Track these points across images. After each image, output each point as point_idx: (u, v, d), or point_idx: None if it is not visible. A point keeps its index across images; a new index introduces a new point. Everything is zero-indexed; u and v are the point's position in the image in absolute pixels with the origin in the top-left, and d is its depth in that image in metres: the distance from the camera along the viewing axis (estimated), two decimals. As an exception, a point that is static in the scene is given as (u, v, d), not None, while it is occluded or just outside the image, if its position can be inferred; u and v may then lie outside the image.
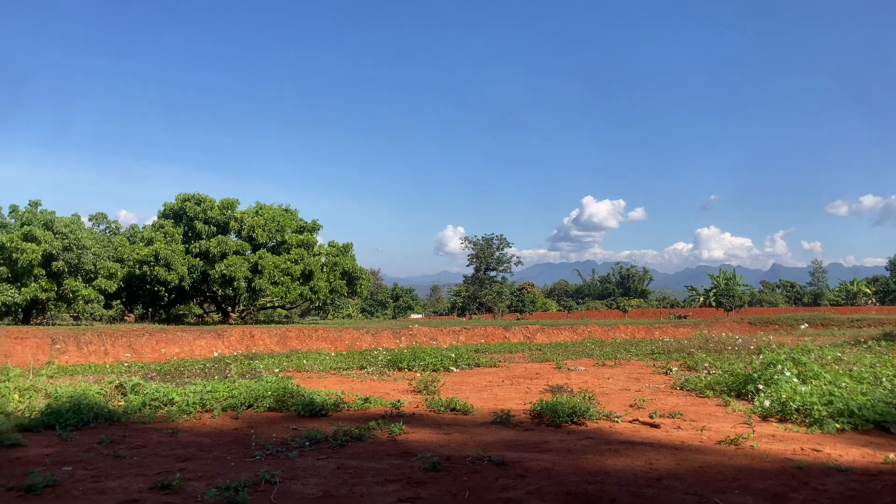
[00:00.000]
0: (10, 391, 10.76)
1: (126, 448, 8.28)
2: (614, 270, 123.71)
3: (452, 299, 78.16)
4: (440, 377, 15.49)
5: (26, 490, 6.48)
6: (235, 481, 6.78)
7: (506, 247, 71.04)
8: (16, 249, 32.10)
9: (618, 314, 75.02)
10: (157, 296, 41.20)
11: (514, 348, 27.89)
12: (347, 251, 42.74)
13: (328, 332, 31.38)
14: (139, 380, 11.40)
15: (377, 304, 70.32)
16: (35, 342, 28.15)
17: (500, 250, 71.11)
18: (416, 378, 15.55)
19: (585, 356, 24.12)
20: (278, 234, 39.93)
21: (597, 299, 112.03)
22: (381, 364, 18.40)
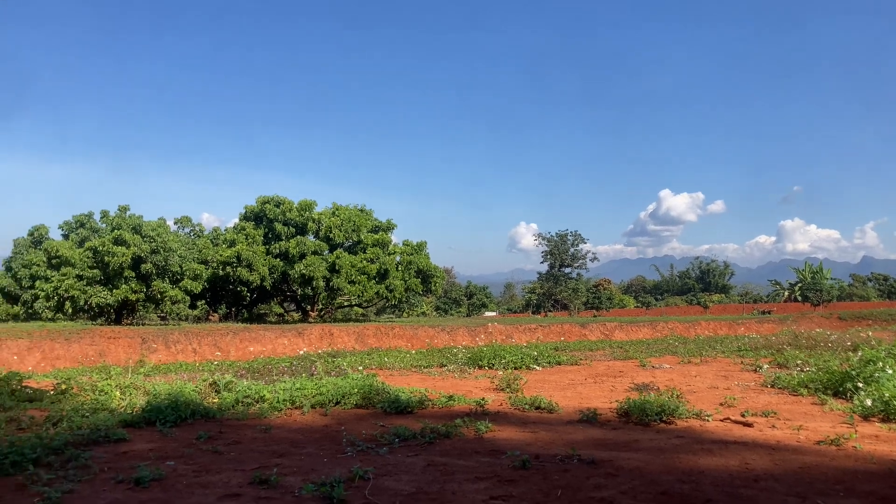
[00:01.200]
0: (112, 389, 11.27)
1: (223, 444, 8.54)
2: (693, 265, 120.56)
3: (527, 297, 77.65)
4: (522, 375, 15.41)
5: (135, 483, 6.76)
6: (330, 477, 6.89)
7: (581, 243, 70.12)
8: (107, 253, 33.63)
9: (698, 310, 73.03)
10: (239, 296, 42.49)
11: (594, 346, 27.52)
12: (421, 250, 43.07)
13: (404, 329, 31.67)
14: (231, 377, 11.76)
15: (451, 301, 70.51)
16: (127, 341, 29.42)
17: (575, 246, 70.22)
18: (497, 376, 15.51)
19: (669, 353, 23.59)
20: (354, 233, 40.57)
21: (676, 295, 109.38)
22: (462, 362, 18.43)
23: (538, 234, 72.84)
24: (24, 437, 8.20)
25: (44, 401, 10.79)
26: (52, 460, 7.51)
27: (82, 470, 7.24)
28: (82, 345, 28.36)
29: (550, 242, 70.92)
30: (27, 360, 26.16)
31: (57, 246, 36.68)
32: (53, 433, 8.50)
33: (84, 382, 11.99)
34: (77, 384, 11.68)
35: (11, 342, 26.79)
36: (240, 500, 6.44)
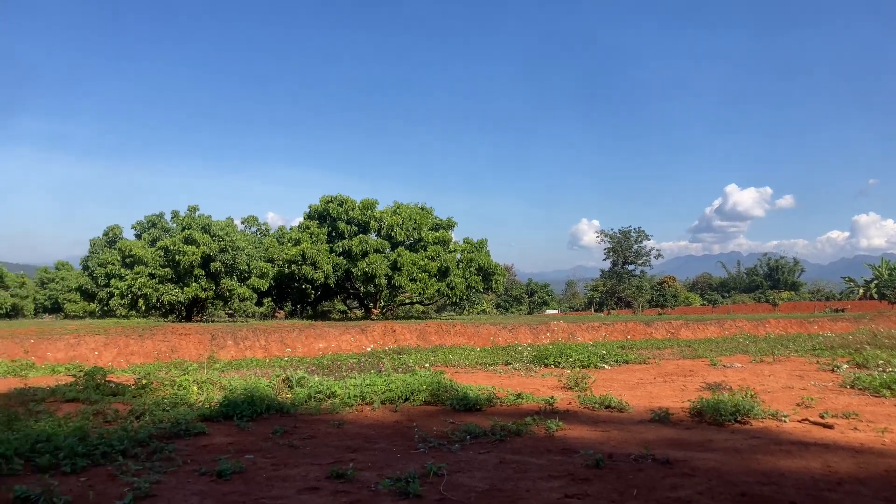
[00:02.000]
0: (190, 384, 11.62)
1: (298, 438, 8.71)
2: (762, 262, 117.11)
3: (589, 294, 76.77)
4: (590, 374, 15.27)
5: (218, 475, 6.96)
6: (405, 473, 6.97)
7: (644, 239, 68.97)
8: (178, 252, 34.68)
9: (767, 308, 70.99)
10: (304, 293, 43.28)
11: (661, 344, 27.04)
12: (482, 247, 43.06)
13: (466, 327, 31.70)
14: (303, 374, 11.99)
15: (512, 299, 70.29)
16: (197, 338, 30.26)
17: (639, 243, 69.09)
18: (564, 374, 15.40)
19: (739, 352, 23.01)
20: (415, 231, 40.82)
21: (743, 293, 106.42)
22: (527, 360, 18.36)
23: (600, 230, 72.04)
24: (111, 430, 8.55)
25: (126, 395, 11.21)
26: (138, 452, 7.80)
27: (167, 462, 7.50)
28: (155, 341, 29.26)
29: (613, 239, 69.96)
30: (104, 356, 27.10)
31: (130, 245, 38.04)
32: (137, 426, 8.82)
33: (163, 378, 12.41)
34: (156, 379, 12.09)
35: (89, 338, 27.82)
36: (318, 493, 6.57)
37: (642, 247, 69.22)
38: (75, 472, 7.06)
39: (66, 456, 7.33)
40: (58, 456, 7.31)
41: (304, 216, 43.28)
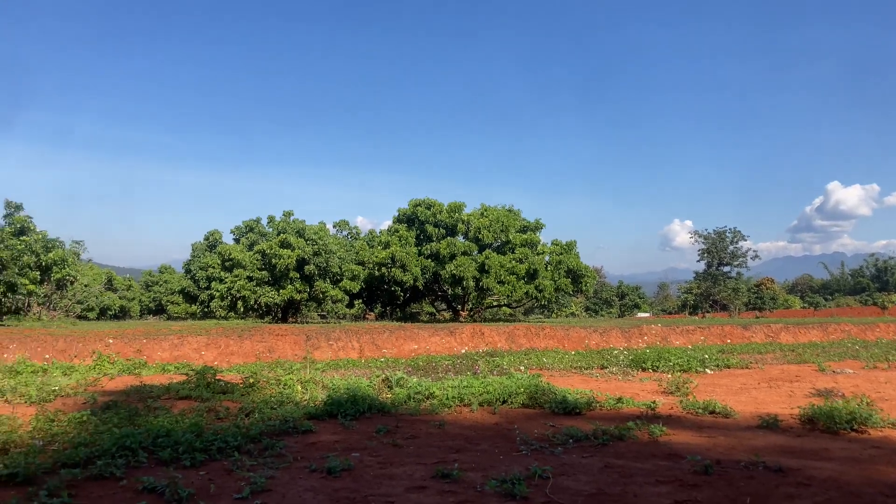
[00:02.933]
0: (294, 383, 12.00)
1: (401, 438, 8.85)
2: (868, 263, 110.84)
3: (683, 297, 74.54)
4: (691, 378, 14.85)
5: (327, 472, 7.16)
6: (510, 474, 6.98)
7: (740, 240, 66.38)
8: (274, 255, 35.79)
9: (874, 311, 67.20)
10: (394, 295, 43.88)
11: (762, 349, 25.99)
12: (571, 249, 42.54)
13: (555, 330, 31.37)
14: (402, 374, 12.18)
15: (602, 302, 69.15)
16: (293, 339, 31.12)
17: (734, 244, 66.56)
18: (663, 379, 15.06)
19: (849, 357, 21.89)
20: (503, 234, 40.71)
21: (848, 295, 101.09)
22: (623, 364, 18.03)
23: (693, 231, 69.81)
24: (224, 427, 8.91)
25: (235, 393, 11.66)
26: (251, 448, 8.11)
27: (278, 458, 7.76)
28: (253, 341, 30.24)
29: (707, 240, 67.67)
30: (205, 356, 28.17)
31: (230, 249, 39.54)
32: (248, 423, 9.16)
33: (268, 377, 12.84)
34: (262, 378, 12.53)
35: (192, 339, 29.01)
36: (426, 492, 6.66)
37: (738, 248, 66.64)
38: (194, 466, 7.41)
39: (185, 450, 7.69)
40: (178, 450, 7.69)
41: (393, 220, 43.87)
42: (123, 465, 7.18)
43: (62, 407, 10.29)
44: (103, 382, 13.09)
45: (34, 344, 24.19)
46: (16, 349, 23.18)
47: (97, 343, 25.64)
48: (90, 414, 9.48)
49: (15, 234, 33.09)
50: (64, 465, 7.15)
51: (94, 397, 10.92)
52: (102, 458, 7.30)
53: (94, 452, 7.47)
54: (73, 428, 8.82)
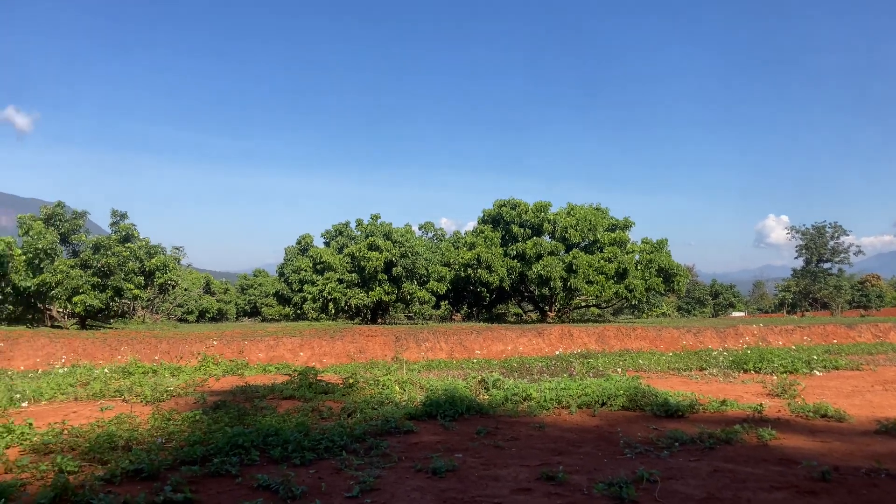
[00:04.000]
0: (392, 383, 12.19)
1: (502, 439, 8.86)
2: None
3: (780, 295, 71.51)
4: (798, 380, 14.24)
5: (433, 472, 7.24)
6: (617, 477, 6.88)
7: (842, 235, 63.25)
8: (363, 258, 36.47)
9: None
10: (479, 296, 43.94)
11: (871, 349, 24.65)
12: (662, 247, 41.57)
13: (646, 330, 30.71)
14: (498, 376, 12.19)
15: (694, 301, 67.04)
16: (382, 339, 31.61)
17: (835, 239, 63.50)
18: (768, 381, 14.52)
19: (974, 358, 20.56)
20: (590, 233, 40.14)
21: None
22: (723, 365, 17.46)
23: (790, 226, 66.94)
24: (328, 426, 9.14)
25: (336, 393, 11.93)
26: (356, 447, 8.28)
27: (383, 458, 7.90)
28: (344, 342, 30.88)
29: (806, 236, 64.80)
30: (299, 357, 28.94)
31: (321, 253, 40.54)
32: (352, 423, 9.36)
33: (367, 377, 13.09)
34: (361, 379, 12.78)
35: (287, 340, 29.86)
36: (532, 494, 6.64)
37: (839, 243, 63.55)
38: (304, 464, 7.63)
39: (294, 449, 7.93)
40: (287, 449, 7.93)
41: (478, 220, 43.94)
42: (238, 463, 7.46)
43: (175, 406, 10.78)
44: (210, 383, 13.64)
45: (141, 346, 25.47)
46: (126, 351, 24.47)
47: (198, 345, 26.78)
48: (202, 413, 9.90)
49: (120, 241, 34.88)
50: (183, 462, 7.49)
51: (204, 397, 11.38)
52: (218, 455, 7.61)
53: (210, 450, 7.80)
54: (187, 426, 9.22)
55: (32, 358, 24.59)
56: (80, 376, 15.08)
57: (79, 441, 8.22)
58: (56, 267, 31.99)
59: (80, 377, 14.89)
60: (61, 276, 31.74)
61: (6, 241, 32.75)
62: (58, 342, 25.58)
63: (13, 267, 32.08)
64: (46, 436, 8.44)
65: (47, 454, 7.85)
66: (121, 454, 7.74)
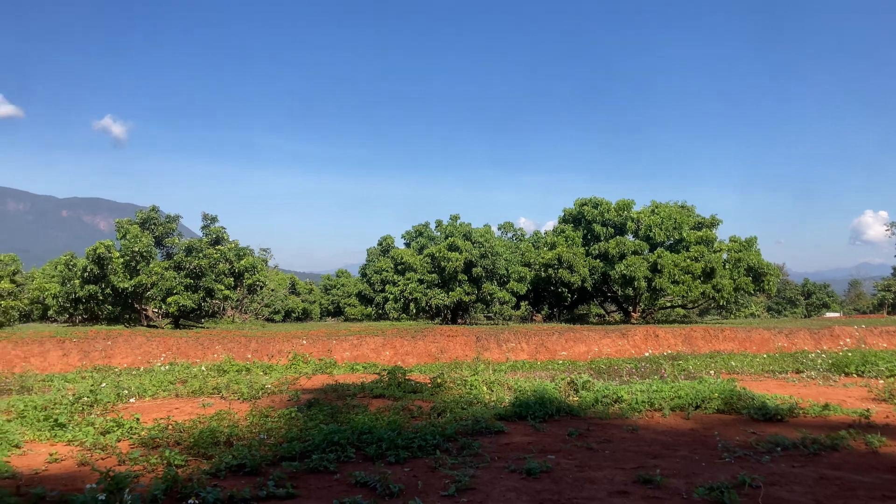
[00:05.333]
0: (480, 384, 12.21)
1: (594, 441, 8.75)
2: None
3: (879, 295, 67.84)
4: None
5: (527, 473, 7.22)
6: (717, 482, 6.70)
7: (948, 230, 59.64)
8: (443, 258, 36.68)
9: None
10: (561, 297, 43.52)
11: None
12: (751, 246, 40.19)
13: (735, 332, 29.71)
14: (588, 377, 12.04)
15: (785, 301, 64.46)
16: (463, 339, 31.70)
17: (941, 234, 59.91)
18: (872, 384, 13.83)
19: None
20: (675, 231, 39.18)
21: None
22: (822, 367, 16.71)
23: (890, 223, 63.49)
24: (419, 425, 9.23)
25: (424, 393, 12.05)
26: (448, 447, 8.34)
27: (476, 458, 7.93)
28: (426, 342, 31.11)
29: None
30: (381, 355, 29.33)
31: (401, 253, 41.02)
32: (442, 422, 9.43)
33: (454, 377, 13.15)
34: (449, 379, 12.85)
35: (370, 339, 30.31)
36: (629, 497, 6.54)
37: (945, 239, 59.90)
38: (399, 462, 7.73)
39: (388, 447, 8.05)
40: (381, 447, 8.06)
41: (559, 220, 43.53)
42: (335, 460, 7.63)
43: (270, 403, 11.12)
44: (301, 381, 13.99)
45: (232, 345, 26.37)
46: (219, 349, 25.38)
47: (285, 343, 27.50)
48: (297, 410, 10.17)
49: (211, 244, 36.22)
50: (283, 458, 7.72)
51: (297, 395, 11.69)
52: (315, 452, 7.80)
53: (307, 447, 8.00)
54: (283, 423, 9.50)
55: (131, 356, 25.82)
56: (178, 374, 15.75)
57: (183, 436, 8.57)
58: (151, 269, 33.47)
59: (179, 375, 15.56)
60: (156, 278, 33.19)
61: (106, 244, 34.49)
62: (153, 341, 26.78)
63: (112, 269, 33.75)
64: (153, 430, 8.84)
65: (155, 448, 8.21)
66: (223, 449, 8.03)
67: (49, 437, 8.89)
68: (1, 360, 25.12)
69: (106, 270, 33.54)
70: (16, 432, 8.72)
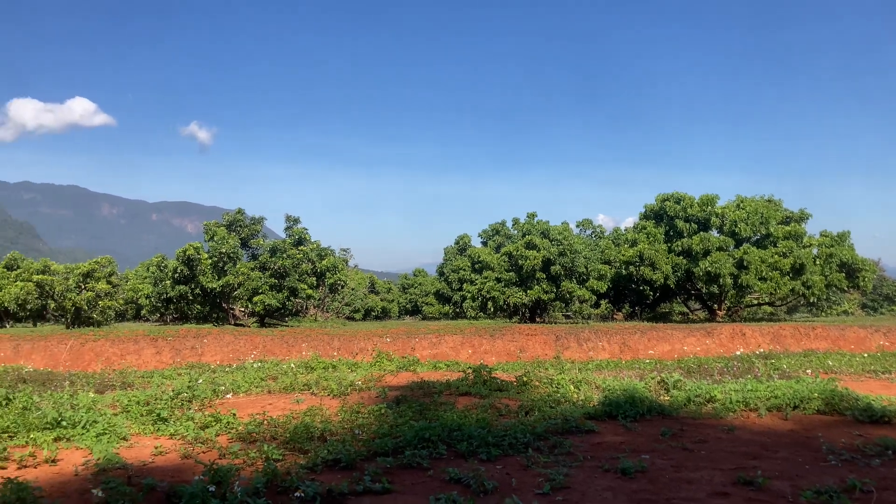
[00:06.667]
0: (566, 383, 12.10)
1: (689, 441, 8.54)
2: None
3: None
4: None
5: (621, 472, 7.11)
6: (825, 486, 6.45)
7: None
8: (521, 256, 36.52)
9: None
10: (642, 295, 42.69)
11: None
12: (844, 240, 38.49)
13: (827, 330, 28.52)
14: (679, 376, 11.77)
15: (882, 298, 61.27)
16: (542, 338, 31.49)
17: None
18: None
19: None
20: (762, 226, 37.89)
21: None
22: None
23: None
24: (508, 423, 9.22)
25: (510, 391, 12.03)
26: (539, 445, 8.29)
27: (568, 456, 7.85)
28: (504, 341, 31.07)
29: None
30: (461, 353, 29.43)
31: (478, 252, 41.07)
32: (531, 421, 9.39)
33: (540, 376, 13.08)
34: (535, 377, 12.78)
35: (448, 338, 30.49)
36: (730, 499, 6.36)
37: None
38: (490, 460, 7.73)
39: (479, 445, 8.06)
40: (472, 444, 8.08)
41: (640, 216, 42.71)
42: (427, 456, 7.69)
43: (359, 400, 11.30)
44: (387, 378, 14.17)
45: (316, 342, 26.98)
46: (304, 347, 26.01)
47: (366, 341, 27.97)
48: (386, 407, 10.31)
49: (294, 245, 37.17)
50: (376, 453, 7.83)
51: (385, 391, 11.85)
52: (408, 448, 7.89)
53: (399, 443, 8.10)
54: (374, 419, 9.64)
55: (220, 353, 26.76)
56: (269, 371, 16.21)
57: (278, 431, 8.82)
58: (238, 269, 34.60)
59: (269, 371, 16.01)
60: (243, 278, 34.29)
61: (195, 246, 35.83)
62: (241, 339, 27.67)
63: (201, 269, 35.04)
64: (249, 425, 9.12)
65: (252, 442, 8.46)
66: (317, 444, 8.22)
67: (152, 431, 9.27)
68: (100, 358, 26.47)
69: (195, 271, 34.86)
70: (122, 426, 9.13)
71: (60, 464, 7.51)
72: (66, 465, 7.42)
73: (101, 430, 8.71)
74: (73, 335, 27.44)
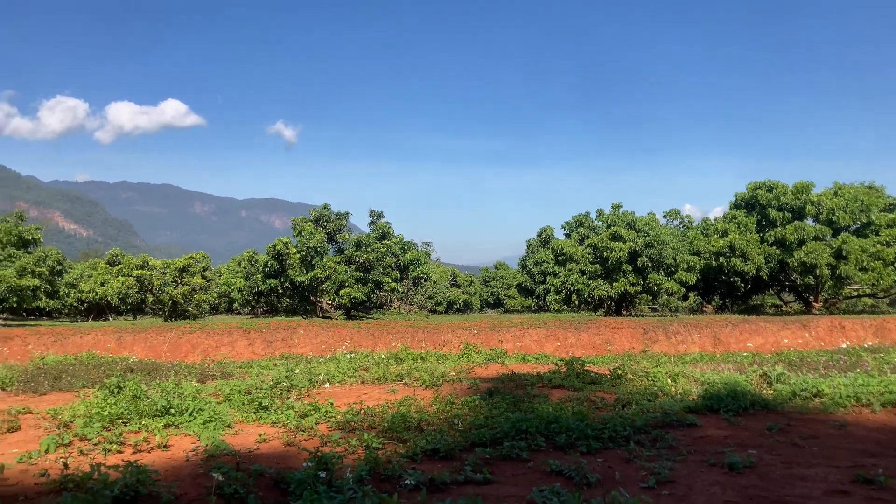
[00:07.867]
0: (663, 376, 11.83)
1: (798, 437, 8.20)
2: None
3: None
4: None
5: (729, 467, 6.89)
6: (956, 487, 6.06)
7: None
8: (606, 248, 35.94)
9: None
10: (733, 286, 41.37)
11: None
12: (954, 228, 36.22)
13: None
14: (782, 370, 11.34)
15: None
16: (629, 332, 30.91)
17: None
18: None
19: None
20: (862, 214, 36.08)
21: None
22: None
23: None
24: (606, 416, 9.07)
25: (604, 384, 11.86)
26: (640, 438, 8.12)
27: (671, 450, 7.66)
28: (590, 334, 30.67)
29: None
30: (545, 346, 29.19)
31: (562, 244, 40.64)
32: (630, 414, 9.21)
33: (635, 369, 12.84)
34: (630, 371, 12.56)
35: (532, 331, 30.31)
36: (851, 498, 6.06)
37: None
38: (590, 453, 7.63)
39: (578, 437, 7.97)
40: (571, 436, 7.99)
41: (730, 205, 41.34)
42: (525, 448, 7.65)
43: (452, 391, 11.36)
44: (476, 370, 14.21)
45: (402, 334, 27.32)
46: (390, 339, 26.39)
47: (450, 334, 28.14)
48: (479, 398, 10.32)
49: (378, 239, 37.72)
50: (474, 444, 7.84)
51: (476, 383, 11.87)
52: (506, 439, 7.87)
53: (496, 434, 8.09)
54: (468, 410, 9.67)
55: (309, 345, 27.44)
56: (360, 362, 16.52)
57: (375, 420, 8.95)
58: (325, 263, 35.40)
59: (361, 363, 16.31)
60: (330, 272, 35.04)
61: (284, 241, 36.85)
62: (329, 331, 28.29)
63: (290, 264, 36.01)
64: (347, 414, 9.30)
65: (351, 431, 8.62)
66: (415, 434, 8.29)
67: (255, 419, 9.57)
68: (197, 349, 27.59)
69: (284, 265, 35.87)
70: (227, 414, 9.47)
71: (172, 449, 7.85)
72: (176, 451, 7.74)
73: (208, 418, 9.05)
74: (172, 327, 28.67)
